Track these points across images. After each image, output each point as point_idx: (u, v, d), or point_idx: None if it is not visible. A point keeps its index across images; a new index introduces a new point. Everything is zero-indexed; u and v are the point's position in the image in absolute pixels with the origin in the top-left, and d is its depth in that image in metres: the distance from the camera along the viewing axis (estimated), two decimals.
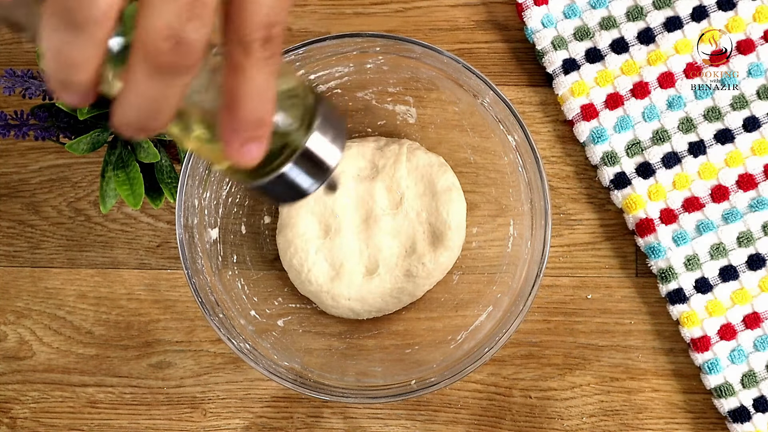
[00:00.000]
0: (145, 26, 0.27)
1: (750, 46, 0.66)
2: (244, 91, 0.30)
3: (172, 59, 0.27)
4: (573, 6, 0.67)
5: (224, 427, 0.68)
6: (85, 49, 0.27)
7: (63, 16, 0.27)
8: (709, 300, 0.65)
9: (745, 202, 0.66)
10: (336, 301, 0.65)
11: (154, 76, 0.28)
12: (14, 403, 0.68)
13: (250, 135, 0.30)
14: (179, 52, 0.27)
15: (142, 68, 0.28)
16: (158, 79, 0.28)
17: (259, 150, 0.31)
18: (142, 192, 0.60)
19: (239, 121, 0.30)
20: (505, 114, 0.60)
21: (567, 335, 0.67)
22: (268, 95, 0.30)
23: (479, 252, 0.67)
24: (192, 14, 0.27)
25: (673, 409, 0.67)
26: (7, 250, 0.69)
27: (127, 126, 0.29)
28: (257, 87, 0.30)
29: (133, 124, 0.29)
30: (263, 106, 0.30)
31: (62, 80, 0.28)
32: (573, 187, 0.68)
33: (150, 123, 0.29)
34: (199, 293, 0.60)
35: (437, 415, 0.67)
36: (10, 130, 0.59)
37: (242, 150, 0.31)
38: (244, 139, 0.30)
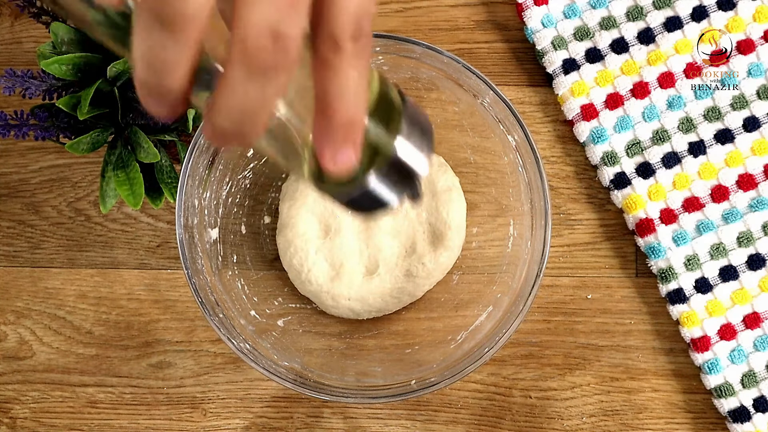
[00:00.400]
0: (244, 23, 0.26)
1: (750, 46, 0.66)
2: (337, 90, 0.28)
3: (273, 57, 0.26)
4: (573, 6, 0.67)
5: (224, 427, 0.68)
6: (178, 50, 0.26)
7: (156, 12, 0.26)
8: (709, 300, 0.65)
9: (745, 202, 0.66)
10: (336, 301, 0.65)
11: (253, 77, 0.27)
12: (14, 403, 0.68)
13: (344, 138, 0.29)
14: (280, 49, 0.26)
15: (240, 68, 0.26)
16: (257, 79, 0.27)
17: (354, 155, 0.30)
18: (142, 192, 0.60)
19: (333, 123, 0.29)
20: (505, 114, 0.60)
21: (567, 335, 0.67)
22: (361, 94, 0.29)
23: (479, 252, 0.67)
24: (291, 8, 0.26)
25: (673, 409, 0.67)
26: (7, 250, 0.69)
27: (222, 134, 0.28)
28: (350, 85, 0.28)
29: (230, 131, 0.28)
30: (357, 106, 0.29)
31: (153, 85, 0.27)
32: (573, 187, 0.68)
33: (248, 129, 0.28)
34: (199, 293, 0.60)
35: (437, 415, 0.67)
36: (10, 130, 0.59)
37: (336, 156, 0.29)
38: (339, 143, 0.29)
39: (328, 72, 0.28)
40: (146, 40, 0.26)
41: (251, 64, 0.26)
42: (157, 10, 0.25)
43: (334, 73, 0.28)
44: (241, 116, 0.27)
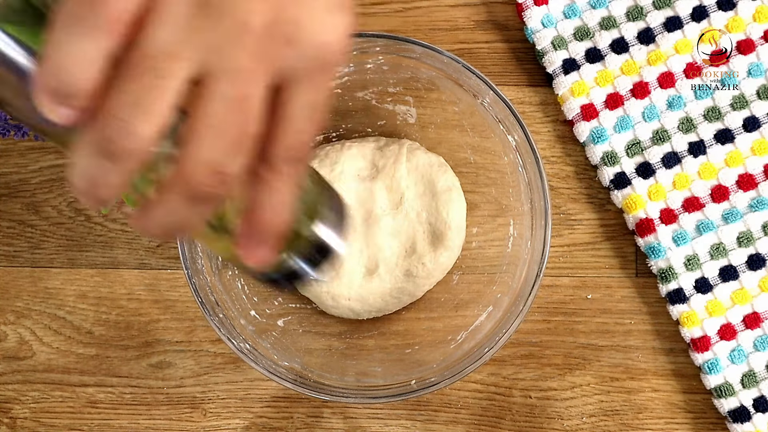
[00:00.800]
0: (190, 159, 0.28)
1: (750, 46, 0.66)
2: (265, 203, 0.31)
3: (211, 190, 0.29)
4: (573, 6, 0.67)
5: (224, 427, 0.68)
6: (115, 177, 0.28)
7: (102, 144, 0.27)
8: (709, 300, 0.65)
9: (745, 202, 0.66)
10: (336, 301, 0.65)
11: (190, 203, 0.29)
12: (14, 403, 0.68)
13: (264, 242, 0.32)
14: (219, 185, 0.29)
15: (179, 195, 0.29)
16: (194, 204, 0.29)
17: (270, 255, 0.32)
18: None
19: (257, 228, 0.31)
20: (505, 114, 0.60)
21: (567, 335, 0.67)
22: (286, 208, 0.31)
23: (479, 252, 0.67)
24: (235, 148, 0.28)
25: (673, 409, 0.67)
26: (7, 250, 0.69)
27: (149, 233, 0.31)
28: (278, 200, 0.31)
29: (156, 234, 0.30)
30: (282, 217, 0.31)
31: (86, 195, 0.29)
32: (573, 187, 0.68)
33: (174, 235, 0.30)
34: (199, 293, 0.60)
35: (437, 415, 0.67)
36: (10, 130, 0.59)
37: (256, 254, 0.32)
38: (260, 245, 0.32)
39: (261, 186, 0.31)
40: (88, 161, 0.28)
41: (190, 194, 0.29)
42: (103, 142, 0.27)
43: (266, 188, 0.31)
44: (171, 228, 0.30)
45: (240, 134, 0.28)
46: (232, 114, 0.28)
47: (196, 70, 0.28)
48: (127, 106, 0.27)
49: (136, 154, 0.27)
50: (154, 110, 0.27)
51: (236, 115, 0.28)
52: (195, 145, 0.28)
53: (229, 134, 0.28)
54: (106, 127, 0.27)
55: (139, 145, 0.27)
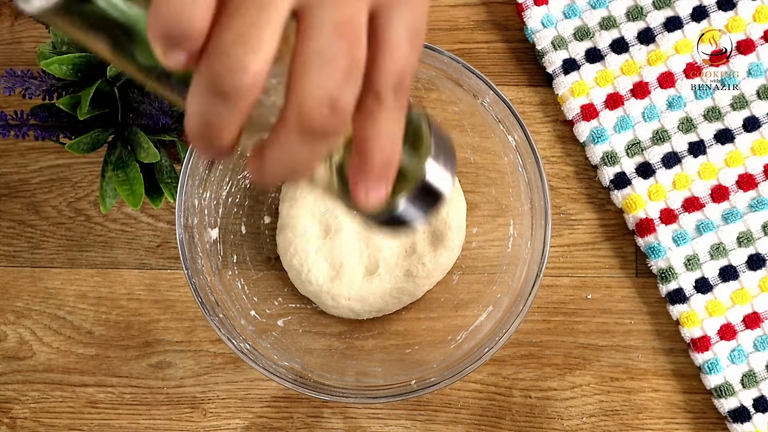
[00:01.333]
0: (301, 92, 0.27)
1: (750, 46, 0.66)
2: (375, 138, 0.30)
3: (327, 123, 0.28)
4: (573, 6, 0.67)
5: (224, 427, 0.68)
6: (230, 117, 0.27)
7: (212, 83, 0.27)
8: (709, 300, 0.65)
9: (745, 202, 0.66)
10: (336, 301, 0.65)
11: (306, 140, 0.28)
12: (14, 403, 0.68)
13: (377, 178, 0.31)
14: (334, 116, 0.28)
15: (295, 132, 0.28)
16: (310, 141, 0.28)
17: (384, 192, 0.31)
18: (142, 192, 0.60)
19: (369, 166, 0.30)
20: (505, 114, 0.60)
21: (567, 335, 0.67)
22: (396, 140, 0.30)
23: (479, 252, 0.67)
24: (347, 78, 0.28)
25: (673, 409, 0.67)
26: (7, 250, 0.69)
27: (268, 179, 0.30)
28: (388, 133, 0.30)
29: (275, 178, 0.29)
30: (393, 151, 0.31)
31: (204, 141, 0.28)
32: (573, 187, 0.68)
33: (293, 178, 0.30)
34: (199, 293, 0.60)
35: (437, 415, 0.67)
36: (10, 130, 0.59)
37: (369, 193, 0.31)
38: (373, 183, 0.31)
39: (369, 120, 0.30)
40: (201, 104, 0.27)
41: (306, 129, 0.28)
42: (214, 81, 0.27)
43: (374, 122, 0.30)
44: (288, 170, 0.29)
45: (349, 61, 0.28)
46: (339, 40, 0.27)
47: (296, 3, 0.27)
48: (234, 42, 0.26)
49: (247, 89, 0.27)
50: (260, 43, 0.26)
51: (343, 41, 0.27)
52: (306, 76, 0.27)
53: (338, 62, 0.27)
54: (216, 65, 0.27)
55: (250, 81, 0.27)
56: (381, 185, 0.31)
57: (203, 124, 0.28)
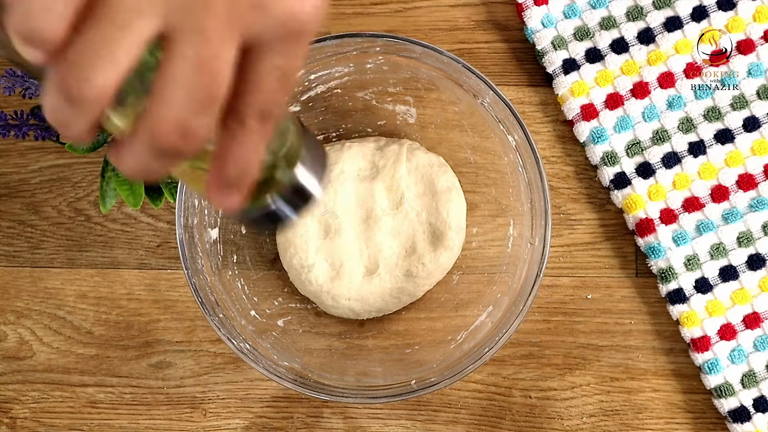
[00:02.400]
0: (155, 113, 0.29)
1: (750, 46, 0.66)
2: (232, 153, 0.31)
3: (176, 146, 0.29)
4: (573, 6, 0.67)
5: (224, 427, 0.68)
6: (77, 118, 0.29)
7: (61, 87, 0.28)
8: (709, 300, 0.65)
9: (745, 202, 0.66)
10: (336, 301, 0.65)
11: (154, 154, 0.29)
12: (14, 403, 0.68)
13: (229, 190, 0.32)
14: (184, 141, 0.29)
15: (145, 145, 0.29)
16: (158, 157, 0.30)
17: (237, 201, 0.33)
18: (142, 192, 0.60)
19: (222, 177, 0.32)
20: (505, 114, 0.60)
21: (567, 335, 0.67)
22: (255, 157, 0.32)
23: (479, 252, 0.67)
24: (202, 108, 0.29)
25: (673, 409, 0.67)
26: (7, 250, 0.69)
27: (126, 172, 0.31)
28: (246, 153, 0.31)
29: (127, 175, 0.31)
30: (248, 167, 0.32)
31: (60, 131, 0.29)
32: (573, 187, 0.68)
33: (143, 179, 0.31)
34: (199, 293, 0.60)
35: (437, 415, 0.67)
36: (10, 130, 0.59)
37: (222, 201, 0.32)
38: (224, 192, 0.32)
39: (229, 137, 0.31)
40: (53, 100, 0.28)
41: (154, 147, 0.29)
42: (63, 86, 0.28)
43: (234, 140, 0.31)
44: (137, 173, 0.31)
45: (206, 95, 0.29)
46: (197, 75, 0.28)
47: (162, 27, 0.28)
48: (86, 55, 0.27)
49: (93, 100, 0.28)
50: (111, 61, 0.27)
51: (202, 76, 0.28)
52: (160, 100, 0.28)
53: (195, 94, 0.28)
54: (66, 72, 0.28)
55: (95, 93, 0.28)
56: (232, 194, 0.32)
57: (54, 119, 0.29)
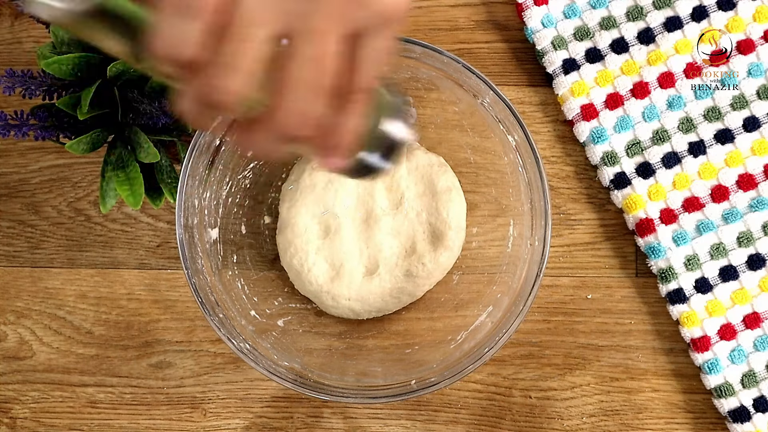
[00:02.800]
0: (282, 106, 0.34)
1: (750, 46, 0.66)
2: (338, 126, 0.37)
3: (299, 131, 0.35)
4: (573, 6, 0.67)
5: (224, 427, 0.68)
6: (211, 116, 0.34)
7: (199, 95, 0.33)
8: (709, 300, 0.65)
9: (745, 202, 0.66)
10: (336, 301, 0.65)
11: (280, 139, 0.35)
12: (14, 403, 0.68)
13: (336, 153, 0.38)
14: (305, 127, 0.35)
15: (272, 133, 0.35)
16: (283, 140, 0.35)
17: (342, 162, 0.38)
18: (142, 192, 0.60)
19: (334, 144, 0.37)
20: (505, 114, 0.60)
21: (567, 335, 0.67)
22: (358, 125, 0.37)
23: (479, 252, 0.67)
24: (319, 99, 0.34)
25: (673, 409, 0.67)
26: (7, 250, 0.69)
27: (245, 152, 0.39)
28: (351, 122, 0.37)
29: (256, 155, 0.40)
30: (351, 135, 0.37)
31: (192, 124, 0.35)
32: (573, 187, 0.68)
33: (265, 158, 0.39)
34: (199, 293, 0.60)
35: (437, 415, 0.67)
36: (10, 130, 0.59)
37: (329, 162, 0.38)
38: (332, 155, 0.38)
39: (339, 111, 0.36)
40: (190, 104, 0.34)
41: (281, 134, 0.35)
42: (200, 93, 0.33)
43: (338, 114, 0.36)
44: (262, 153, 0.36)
45: (322, 86, 0.34)
46: (314, 70, 0.34)
47: (281, 32, 0.33)
48: (219, 68, 0.33)
49: (227, 104, 0.33)
50: (240, 70, 0.33)
51: (317, 71, 0.34)
52: (285, 97, 0.34)
53: (312, 87, 0.34)
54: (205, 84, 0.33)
55: (229, 97, 0.33)
56: (340, 157, 0.38)
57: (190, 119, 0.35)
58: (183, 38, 0.32)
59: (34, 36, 0.70)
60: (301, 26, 0.33)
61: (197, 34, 0.32)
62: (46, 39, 0.68)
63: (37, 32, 0.70)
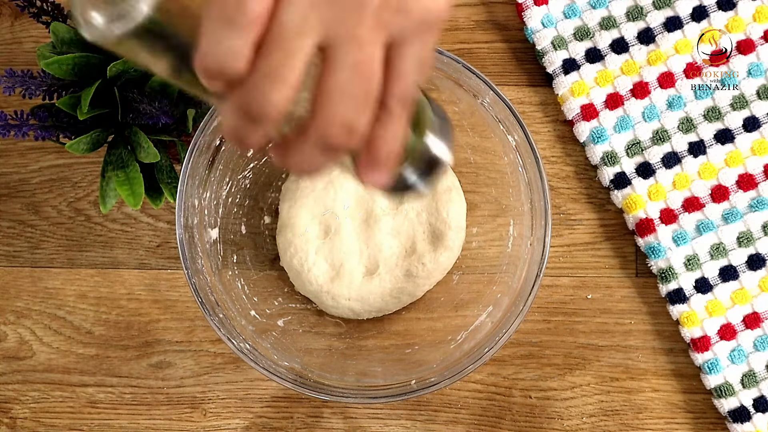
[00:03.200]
0: (324, 119, 0.33)
1: (750, 46, 0.66)
2: (382, 138, 0.35)
3: (343, 142, 0.34)
4: (573, 6, 0.67)
5: (224, 427, 0.68)
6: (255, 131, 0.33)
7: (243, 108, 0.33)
8: (709, 300, 0.65)
9: (745, 202, 0.66)
10: (336, 301, 0.65)
11: (324, 153, 0.34)
12: (14, 403, 0.68)
13: (379, 169, 0.37)
14: (350, 138, 0.34)
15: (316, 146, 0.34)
16: (327, 154, 0.34)
17: (386, 178, 0.37)
18: (142, 192, 0.60)
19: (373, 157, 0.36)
20: (505, 114, 0.60)
21: (567, 335, 0.67)
22: (399, 137, 0.36)
23: (479, 252, 0.67)
24: (364, 106, 0.33)
25: (673, 409, 0.67)
26: (7, 250, 0.69)
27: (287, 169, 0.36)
28: (392, 135, 0.36)
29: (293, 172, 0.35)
30: (394, 146, 0.36)
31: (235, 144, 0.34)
32: (573, 187, 0.68)
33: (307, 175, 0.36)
34: (199, 293, 0.60)
35: (437, 415, 0.67)
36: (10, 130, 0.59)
37: (373, 178, 0.37)
38: (375, 171, 0.37)
39: (378, 126, 0.35)
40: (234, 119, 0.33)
41: (325, 146, 0.34)
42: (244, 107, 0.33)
43: (382, 126, 0.35)
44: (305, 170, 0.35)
45: (365, 94, 0.33)
46: (356, 78, 0.33)
47: (322, 41, 0.32)
48: (264, 80, 0.32)
49: (272, 116, 0.33)
50: (284, 81, 0.32)
51: (360, 78, 0.33)
52: (328, 105, 0.33)
53: (355, 95, 0.33)
54: (247, 97, 0.32)
55: (273, 110, 0.32)
56: (381, 173, 0.37)
57: (234, 135, 0.34)
58: (231, 53, 0.32)
59: (34, 36, 0.70)
60: (343, 34, 0.33)
61: (246, 49, 0.32)
62: (46, 39, 0.68)
63: (37, 32, 0.70)
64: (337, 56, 0.33)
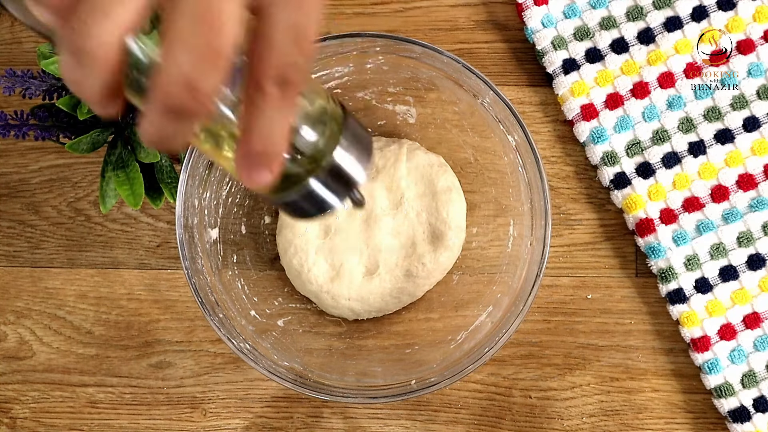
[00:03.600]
0: (162, 72, 0.28)
1: (750, 46, 0.66)
2: (257, 128, 0.31)
3: (186, 104, 0.29)
4: (573, 6, 0.67)
5: (224, 427, 0.68)
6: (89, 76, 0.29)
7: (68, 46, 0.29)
8: (709, 300, 0.65)
9: (745, 202, 0.66)
10: (336, 301, 0.65)
11: (168, 116, 0.29)
12: (14, 403, 0.68)
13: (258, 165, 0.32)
14: (192, 98, 0.29)
15: (158, 108, 0.29)
16: (172, 119, 0.29)
17: (268, 177, 0.32)
18: (142, 192, 0.60)
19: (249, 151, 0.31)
20: (505, 114, 0.60)
21: (567, 335, 0.67)
22: (282, 131, 0.31)
23: (479, 252, 0.67)
24: (207, 64, 0.28)
25: (673, 409, 0.67)
26: (7, 250, 0.69)
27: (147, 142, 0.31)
28: (270, 124, 0.31)
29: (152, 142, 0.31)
30: (275, 141, 0.31)
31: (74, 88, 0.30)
32: (573, 187, 0.68)
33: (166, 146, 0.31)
34: (199, 293, 0.60)
35: (437, 415, 0.67)
36: (10, 130, 0.59)
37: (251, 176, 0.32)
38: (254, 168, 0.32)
39: (251, 109, 0.31)
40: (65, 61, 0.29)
41: (166, 107, 0.29)
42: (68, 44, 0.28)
43: (256, 111, 0.30)
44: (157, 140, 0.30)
45: (207, 46, 0.28)
46: (199, 28, 0.28)
47: None
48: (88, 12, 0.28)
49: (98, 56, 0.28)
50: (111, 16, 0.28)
51: (201, 26, 0.28)
52: (167, 59, 0.28)
53: (196, 47, 0.28)
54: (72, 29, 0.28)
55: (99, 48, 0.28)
56: (261, 170, 0.32)
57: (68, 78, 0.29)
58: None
59: (34, 36, 0.70)
60: None
61: None
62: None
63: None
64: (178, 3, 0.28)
